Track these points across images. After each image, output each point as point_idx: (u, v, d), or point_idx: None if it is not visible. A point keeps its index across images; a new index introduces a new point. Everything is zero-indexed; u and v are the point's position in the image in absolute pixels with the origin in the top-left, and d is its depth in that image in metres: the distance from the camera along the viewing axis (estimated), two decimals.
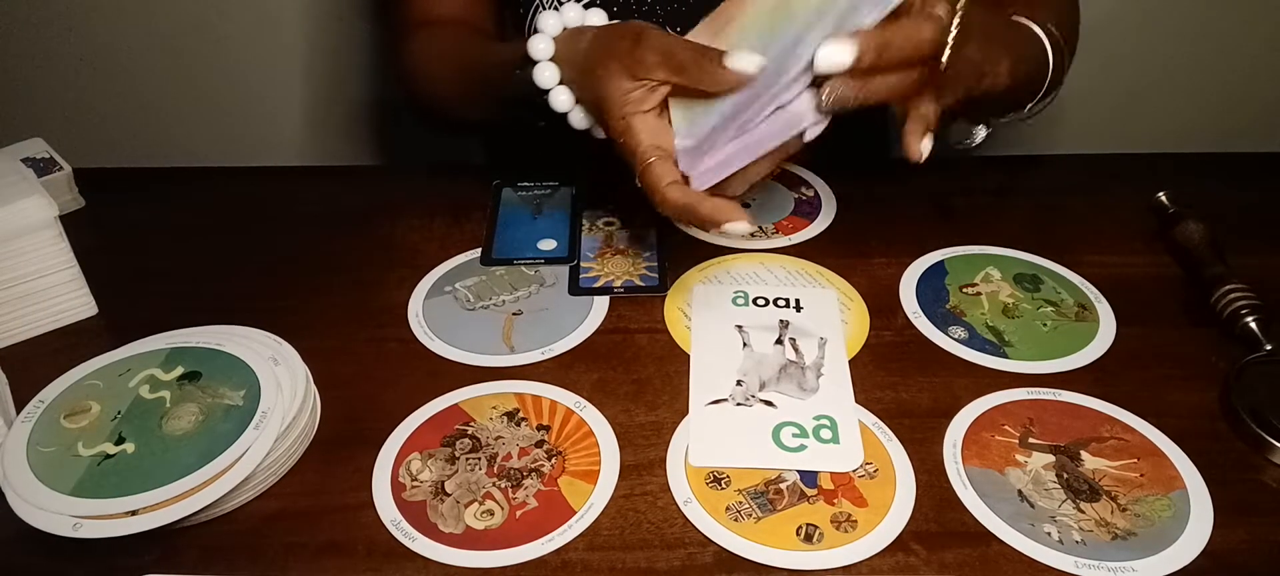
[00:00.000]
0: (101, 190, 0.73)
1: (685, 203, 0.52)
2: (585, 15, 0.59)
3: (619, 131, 0.54)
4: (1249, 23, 1.17)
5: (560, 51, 0.58)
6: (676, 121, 0.54)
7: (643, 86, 0.53)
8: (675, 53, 0.52)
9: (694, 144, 0.53)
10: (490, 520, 0.47)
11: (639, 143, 0.53)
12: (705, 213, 0.51)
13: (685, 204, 0.52)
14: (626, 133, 0.53)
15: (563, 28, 0.59)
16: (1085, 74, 1.05)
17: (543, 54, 0.58)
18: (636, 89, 0.53)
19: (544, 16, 0.59)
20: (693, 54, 0.51)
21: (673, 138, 0.54)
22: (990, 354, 0.58)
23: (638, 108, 0.53)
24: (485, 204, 0.72)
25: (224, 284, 0.65)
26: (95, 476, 0.47)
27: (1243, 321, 0.57)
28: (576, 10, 0.59)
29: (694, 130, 0.53)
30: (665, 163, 0.53)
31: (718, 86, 0.51)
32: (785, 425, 0.52)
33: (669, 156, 0.53)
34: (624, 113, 0.53)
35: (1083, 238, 0.68)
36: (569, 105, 0.59)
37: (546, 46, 0.58)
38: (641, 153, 0.53)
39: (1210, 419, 0.53)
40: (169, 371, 0.53)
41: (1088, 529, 0.47)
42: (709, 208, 0.51)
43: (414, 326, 0.60)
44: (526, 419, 0.53)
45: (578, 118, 0.59)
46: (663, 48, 0.52)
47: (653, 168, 0.52)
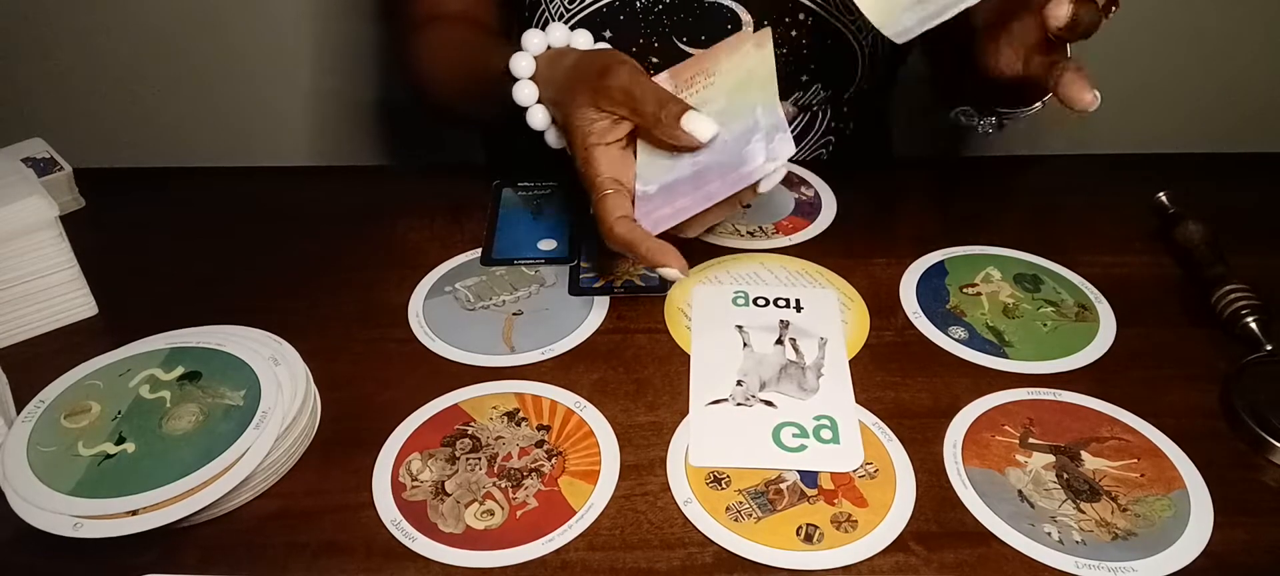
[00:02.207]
0: (101, 190, 0.73)
1: (629, 239, 0.53)
2: (571, 36, 0.60)
3: (581, 160, 0.55)
4: (1249, 23, 1.17)
5: (540, 71, 0.59)
6: (641, 166, 0.56)
7: (607, 118, 0.55)
8: (637, 95, 0.53)
9: (655, 191, 0.54)
10: (490, 520, 0.47)
11: (597, 173, 0.54)
12: (643, 252, 0.53)
13: (629, 240, 0.53)
14: (587, 162, 0.55)
15: (546, 47, 0.60)
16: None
17: (523, 72, 0.59)
18: (601, 120, 0.55)
19: (528, 35, 0.60)
20: (655, 102, 0.53)
21: (633, 172, 0.55)
22: (990, 354, 0.58)
23: (600, 139, 0.55)
24: (485, 204, 0.72)
25: (224, 284, 0.65)
26: (95, 476, 0.47)
27: (1243, 321, 0.57)
28: (562, 30, 0.60)
29: (656, 178, 0.55)
30: (619, 196, 0.54)
31: (672, 140, 0.53)
32: (785, 425, 0.52)
33: (624, 190, 0.55)
34: (588, 142, 0.55)
35: (1083, 238, 0.68)
36: (544, 124, 0.60)
37: (527, 65, 0.59)
38: (599, 183, 0.54)
39: (1210, 419, 0.53)
40: (169, 371, 0.53)
41: (1088, 529, 0.47)
42: (647, 248, 0.53)
43: (414, 326, 0.60)
44: (527, 419, 0.53)
45: (552, 137, 0.61)
46: (627, 86, 0.53)
47: (607, 200, 0.54)
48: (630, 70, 0.54)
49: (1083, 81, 0.52)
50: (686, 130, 0.52)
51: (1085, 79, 0.52)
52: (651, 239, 0.53)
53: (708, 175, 0.53)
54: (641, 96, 0.53)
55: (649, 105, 0.53)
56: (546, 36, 0.60)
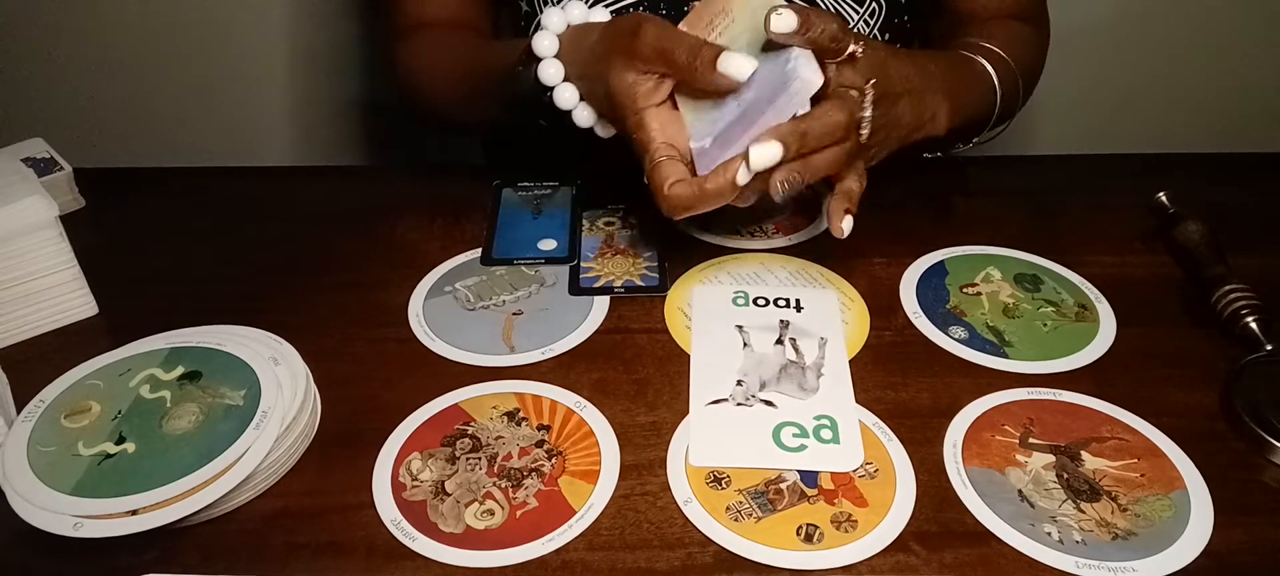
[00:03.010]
0: (101, 190, 0.73)
1: (688, 197, 0.53)
2: (589, 12, 0.59)
3: (633, 127, 0.54)
4: (1248, 23, 1.17)
5: (564, 49, 0.58)
6: (688, 121, 0.55)
7: (648, 78, 0.54)
8: (668, 47, 0.52)
9: (710, 145, 0.53)
10: (490, 520, 0.47)
11: (651, 138, 0.54)
12: (710, 192, 0.52)
13: (688, 199, 0.53)
14: (640, 128, 0.54)
15: (567, 25, 0.59)
16: (1086, 74, 1.05)
17: (547, 51, 0.58)
18: (643, 82, 0.54)
19: (548, 13, 0.59)
20: (687, 51, 0.52)
21: (685, 134, 0.55)
22: (990, 354, 0.58)
23: (648, 101, 0.54)
24: (485, 204, 0.72)
25: (224, 284, 0.65)
26: (95, 476, 0.47)
27: (1243, 321, 0.57)
28: (580, 7, 0.59)
29: (706, 130, 0.54)
30: (673, 162, 0.53)
31: (710, 87, 0.53)
32: (785, 425, 0.52)
33: (677, 155, 0.54)
34: (637, 106, 0.54)
35: (1083, 238, 0.68)
36: (573, 103, 0.59)
37: (551, 44, 0.58)
38: (653, 149, 0.54)
39: (1210, 419, 0.53)
40: (169, 371, 0.53)
41: (1088, 529, 0.47)
42: (713, 185, 0.52)
43: (414, 326, 0.60)
44: (527, 419, 0.53)
45: (583, 115, 0.59)
46: (657, 42, 0.52)
47: (660, 167, 0.53)
48: (657, 25, 0.53)
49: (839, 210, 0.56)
50: (723, 71, 0.51)
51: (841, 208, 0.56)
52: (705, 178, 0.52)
53: (755, 110, 0.52)
54: (673, 48, 0.52)
55: (682, 55, 0.52)
56: (566, 14, 0.59)
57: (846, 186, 0.56)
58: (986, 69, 0.65)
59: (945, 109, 0.61)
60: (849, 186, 0.56)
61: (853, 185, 0.56)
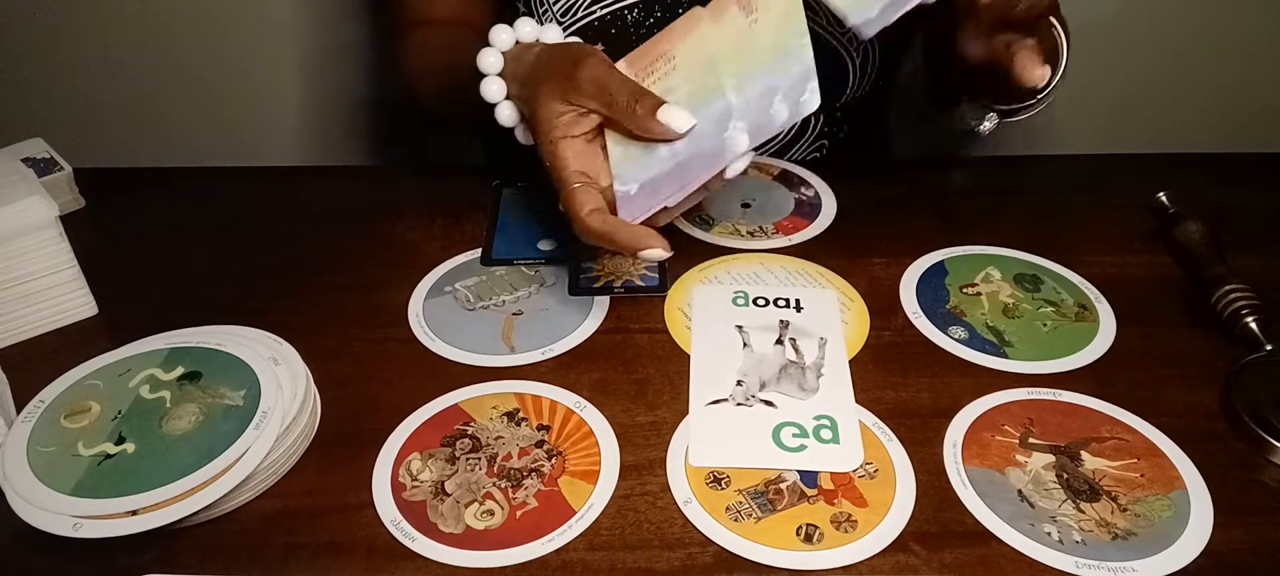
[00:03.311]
0: (101, 190, 0.73)
1: (604, 230, 0.52)
2: (541, 31, 0.59)
3: (547, 154, 0.54)
4: (1249, 23, 1.17)
5: (507, 66, 0.58)
6: (615, 162, 0.54)
7: (574, 111, 0.53)
8: (610, 88, 0.52)
9: (634, 192, 0.53)
10: (490, 520, 0.47)
11: (565, 166, 0.53)
12: (623, 240, 0.52)
13: (603, 231, 0.52)
14: (553, 155, 0.54)
15: (515, 42, 0.59)
16: (1085, 74, 1.05)
17: (491, 68, 0.58)
18: (568, 113, 0.53)
19: (496, 30, 0.59)
20: (628, 95, 0.52)
21: (601, 164, 0.55)
22: (990, 354, 0.58)
23: (567, 132, 0.54)
24: (485, 204, 0.72)
25: (224, 284, 0.65)
26: (95, 476, 0.47)
27: (1243, 321, 0.57)
28: (530, 25, 0.59)
29: (634, 175, 0.54)
30: (588, 189, 0.53)
31: (647, 134, 0.52)
32: (785, 425, 0.52)
33: (592, 183, 0.54)
34: (553, 136, 0.54)
35: (1083, 238, 0.68)
36: (513, 121, 0.59)
37: (495, 61, 0.58)
38: (566, 177, 0.53)
39: (1210, 419, 0.53)
40: (169, 371, 0.53)
41: (1088, 529, 0.47)
42: (625, 235, 0.52)
43: (414, 326, 0.60)
44: (527, 419, 0.53)
45: (521, 133, 0.60)
46: (599, 78, 0.52)
47: (576, 194, 0.53)
48: (601, 62, 0.53)
49: (1032, 57, 0.53)
50: (663, 122, 0.51)
51: (1035, 56, 0.53)
52: (627, 226, 0.52)
53: (689, 167, 0.52)
54: (614, 88, 0.52)
55: (622, 98, 0.52)
56: (515, 32, 0.59)
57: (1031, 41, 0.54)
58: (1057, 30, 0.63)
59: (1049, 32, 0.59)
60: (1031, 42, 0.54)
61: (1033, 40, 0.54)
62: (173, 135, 1.25)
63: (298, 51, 1.21)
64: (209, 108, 1.24)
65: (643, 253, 0.52)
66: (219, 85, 1.22)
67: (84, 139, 1.21)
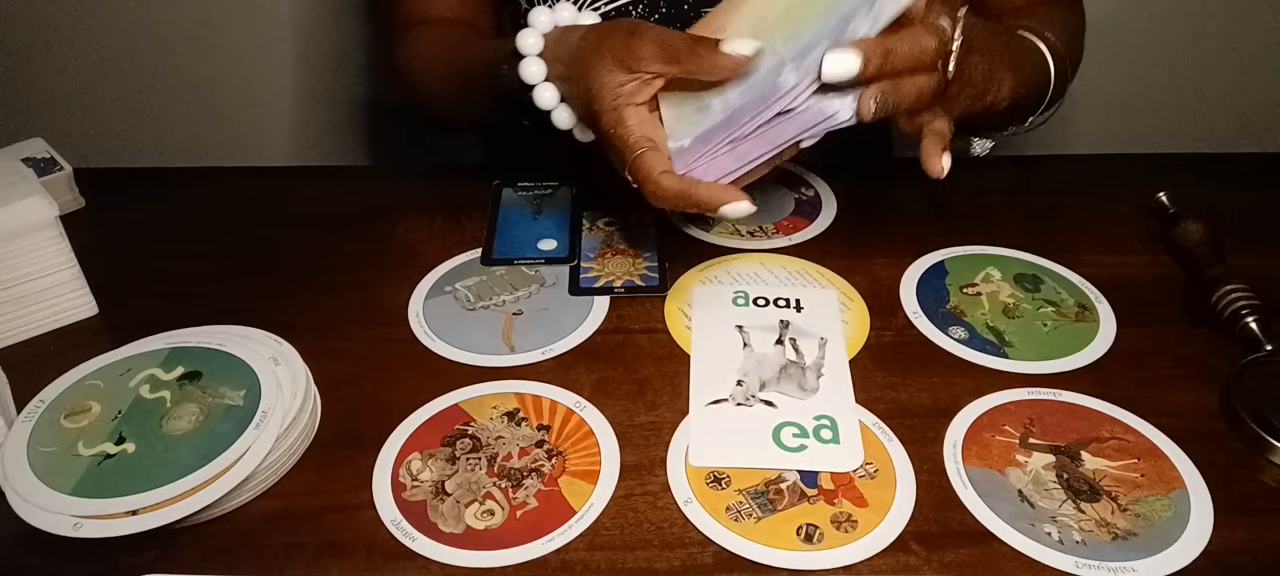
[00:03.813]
0: (101, 190, 0.73)
1: (679, 189, 0.51)
2: (578, 15, 0.59)
3: (610, 122, 0.53)
4: (1249, 23, 1.17)
5: (548, 49, 0.58)
6: (668, 122, 0.54)
7: (635, 79, 0.53)
8: (670, 42, 0.52)
9: (688, 145, 0.53)
10: (490, 520, 0.47)
11: (630, 132, 0.53)
12: (701, 197, 0.51)
13: (679, 190, 0.51)
14: (618, 124, 0.53)
15: (554, 25, 0.59)
16: (1086, 74, 1.05)
17: (531, 49, 0.58)
18: (629, 82, 0.53)
19: (536, 12, 0.59)
20: (688, 43, 0.51)
21: (662, 134, 0.54)
22: (990, 354, 0.58)
23: (629, 99, 0.53)
24: (485, 204, 0.72)
25: (224, 284, 0.65)
26: (95, 476, 0.47)
27: (1243, 321, 0.57)
28: (570, 9, 0.59)
29: (686, 131, 0.53)
30: (656, 153, 0.52)
31: (714, 73, 0.51)
32: (785, 425, 0.52)
33: (660, 148, 0.53)
34: (616, 104, 0.53)
35: (1083, 238, 0.68)
36: (554, 103, 0.59)
37: (536, 42, 0.58)
38: (633, 142, 0.52)
39: (1210, 419, 0.53)
40: (169, 371, 0.53)
41: (1088, 529, 0.47)
42: (704, 192, 0.51)
43: (414, 326, 0.60)
44: (527, 419, 0.53)
45: (562, 116, 0.59)
46: (658, 39, 0.52)
47: (644, 158, 0.52)
48: (655, 26, 0.53)
49: (934, 149, 0.53)
50: (728, 52, 0.50)
51: (937, 147, 0.53)
52: (705, 184, 0.51)
53: (741, 114, 0.51)
54: (675, 42, 0.51)
55: (683, 48, 0.51)
56: (554, 15, 0.59)
57: (938, 127, 0.54)
58: (1043, 51, 0.64)
59: (1009, 81, 0.59)
60: (940, 127, 0.54)
61: (943, 126, 0.54)
62: (173, 135, 1.25)
63: (297, 51, 1.21)
64: (209, 108, 1.24)
65: (724, 208, 0.51)
66: (218, 85, 1.22)
67: (84, 139, 1.21)
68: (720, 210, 0.51)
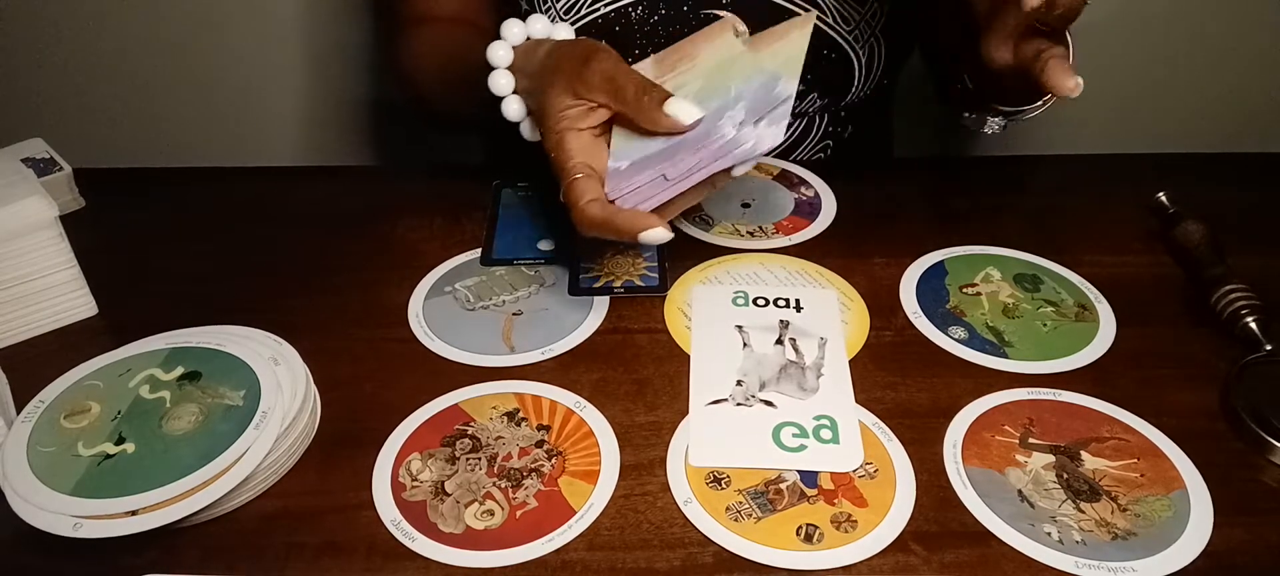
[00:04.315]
0: (101, 190, 0.73)
1: (603, 216, 0.52)
2: (552, 28, 0.59)
3: (551, 144, 0.54)
4: (1249, 23, 1.17)
5: (517, 61, 0.58)
6: (616, 142, 0.55)
7: (582, 105, 0.53)
8: (618, 80, 0.52)
9: (625, 166, 0.53)
10: (490, 520, 0.47)
11: (569, 157, 0.53)
12: (621, 224, 0.52)
13: (603, 218, 0.52)
14: (558, 147, 0.54)
15: (526, 38, 0.59)
16: (1085, 74, 1.05)
17: (501, 61, 0.58)
18: (575, 106, 0.53)
19: (508, 24, 0.59)
20: (636, 87, 0.52)
21: (605, 161, 0.54)
22: (990, 354, 0.58)
23: (573, 124, 0.54)
24: (485, 204, 0.72)
25: (224, 284, 0.65)
26: (95, 476, 0.47)
27: (1243, 321, 0.57)
28: (543, 22, 0.59)
29: (627, 154, 0.54)
30: (589, 180, 0.53)
31: (652, 126, 0.52)
32: (785, 425, 0.52)
33: (595, 175, 0.54)
34: (559, 127, 0.54)
35: (1083, 238, 0.68)
36: (520, 115, 0.59)
37: (505, 54, 0.58)
38: (569, 167, 0.53)
39: (1210, 419, 0.53)
40: (169, 371, 0.53)
41: (1088, 529, 0.47)
42: (623, 221, 0.52)
43: (414, 326, 0.60)
44: (526, 419, 0.53)
45: (526, 129, 0.60)
46: (608, 72, 0.52)
47: (577, 184, 0.53)
48: (610, 57, 0.53)
49: (1065, 67, 0.53)
50: (670, 114, 0.51)
51: (1068, 65, 0.53)
52: (625, 211, 0.52)
53: (680, 148, 0.52)
54: (624, 82, 0.52)
55: (630, 90, 0.52)
56: (527, 27, 0.59)
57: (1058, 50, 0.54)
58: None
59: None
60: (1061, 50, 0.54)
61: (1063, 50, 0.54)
62: (173, 135, 1.25)
63: (298, 51, 1.21)
64: (209, 108, 1.24)
65: (642, 235, 0.52)
66: (219, 85, 1.22)
67: (84, 139, 1.21)
68: (639, 237, 0.52)
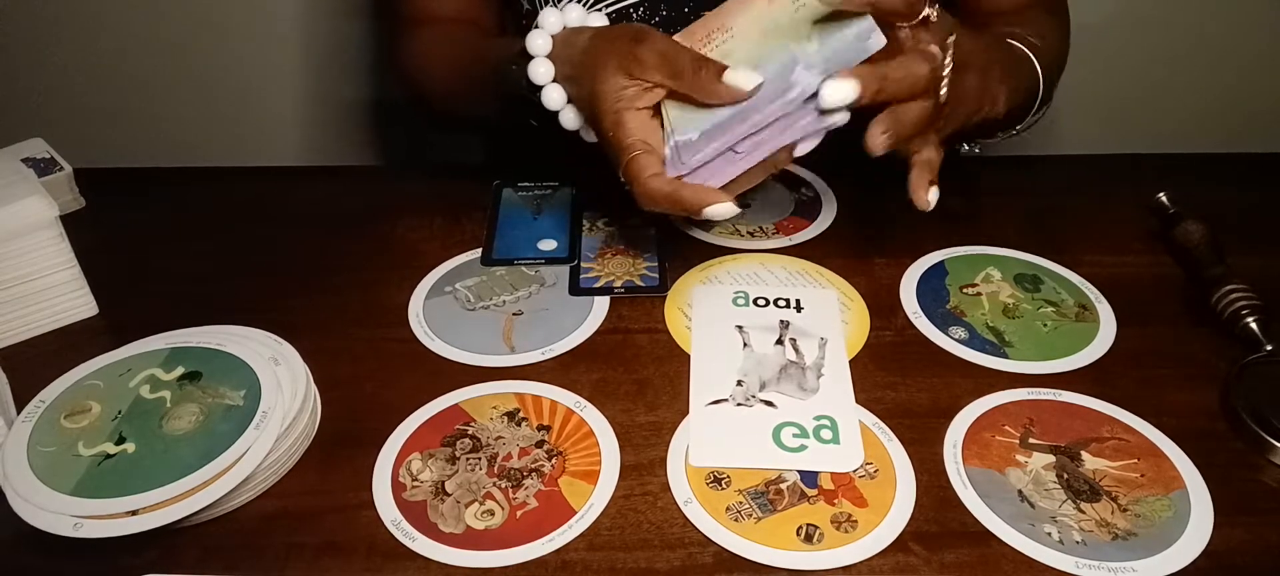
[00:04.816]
0: (101, 190, 0.73)
1: (667, 191, 0.52)
2: (587, 16, 0.59)
3: (609, 125, 0.54)
4: (1249, 23, 1.17)
5: (556, 50, 0.58)
6: (675, 119, 0.54)
7: (637, 85, 0.53)
8: (675, 57, 0.52)
9: (696, 138, 0.53)
10: (490, 520, 0.47)
11: (627, 134, 0.53)
12: (687, 198, 0.52)
13: (667, 192, 0.52)
14: (617, 126, 0.54)
15: (563, 27, 0.59)
16: (1085, 74, 1.05)
17: (540, 50, 0.58)
18: (631, 86, 0.53)
19: (545, 13, 0.59)
20: (692, 61, 0.52)
21: (661, 138, 0.54)
22: (990, 354, 0.58)
23: (630, 104, 0.54)
24: (485, 204, 0.72)
25: (224, 284, 0.65)
26: (95, 476, 0.47)
27: (1243, 321, 0.57)
28: (578, 10, 0.59)
29: (695, 125, 0.53)
30: (650, 155, 0.53)
31: (712, 98, 0.52)
32: (785, 425, 0.52)
33: (654, 151, 0.54)
34: (617, 107, 0.53)
35: (1083, 238, 0.68)
36: (561, 104, 0.59)
37: (544, 43, 0.58)
38: (629, 144, 0.53)
39: (1210, 419, 0.53)
40: (169, 371, 0.53)
41: (1088, 529, 0.47)
42: (691, 193, 0.52)
43: (414, 326, 0.60)
44: (527, 419, 0.53)
45: (568, 117, 0.59)
46: (663, 50, 0.52)
47: (638, 160, 0.53)
48: (661, 36, 0.53)
49: (921, 180, 0.54)
50: (729, 83, 0.51)
51: (925, 178, 0.54)
52: (690, 186, 0.52)
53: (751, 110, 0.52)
54: (679, 58, 0.52)
55: (686, 66, 0.52)
56: (563, 16, 0.59)
57: (926, 156, 0.54)
58: (1030, 57, 0.64)
59: (1004, 91, 0.59)
60: (928, 156, 0.54)
61: (932, 154, 0.54)
62: (173, 135, 1.25)
63: (298, 51, 1.21)
64: (209, 108, 1.24)
65: (707, 210, 0.52)
66: (219, 85, 1.22)
67: (84, 139, 1.21)
68: (704, 211, 0.52)
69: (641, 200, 0.53)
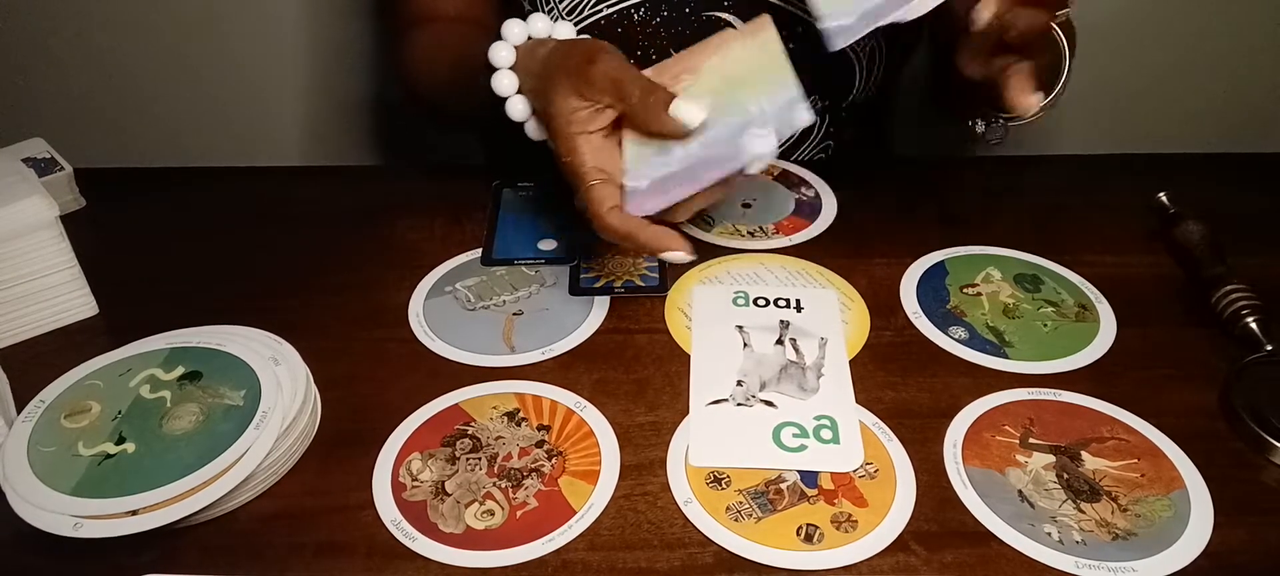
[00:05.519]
0: (101, 190, 0.73)
1: (625, 230, 0.52)
2: (553, 27, 0.59)
3: (564, 150, 0.54)
4: (1249, 23, 1.17)
5: (520, 61, 0.58)
6: (629, 159, 0.54)
7: (589, 106, 0.53)
8: (624, 82, 0.52)
9: (645, 188, 0.53)
10: (490, 520, 0.47)
11: (582, 162, 0.53)
12: (645, 240, 0.52)
13: (625, 231, 0.52)
14: (571, 152, 0.53)
15: (527, 37, 0.59)
16: (1085, 74, 1.05)
17: (503, 62, 0.58)
18: (583, 108, 0.53)
19: (509, 24, 0.59)
20: (641, 88, 0.52)
21: (619, 161, 0.54)
22: (990, 354, 0.58)
23: (583, 127, 0.53)
24: (485, 204, 0.72)
25: (224, 284, 0.65)
26: (95, 476, 0.47)
27: (1243, 321, 0.57)
28: (543, 21, 0.59)
29: (645, 172, 0.53)
30: (607, 186, 0.53)
31: (659, 127, 0.52)
32: (785, 425, 0.52)
33: (611, 180, 0.53)
34: (570, 131, 0.53)
35: (1083, 238, 0.68)
36: (524, 115, 0.59)
37: (508, 55, 0.58)
38: (584, 173, 0.53)
39: (1210, 419, 0.53)
40: (169, 371, 0.53)
41: (1088, 529, 0.47)
42: (649, 236, 0.52)
43: (414, 326, 0.60)
44: (527, 419, 0.53)
45: (532, 129, 0.59)
46: (613, 73, 0.52)
47: (594, 190, 0.52)
48: (616, 57, 0.53)
49: (1025, 84, 0.53)
50: (674, 116, 0.51)
51: (1029, 82, 0.53)
52: (649, 226, 0.52)
53: (701, 167, 0.52)
54: (628, 82, 0.52)
55: (635, 91, 0.51)
56: (527, 26, 0.59)
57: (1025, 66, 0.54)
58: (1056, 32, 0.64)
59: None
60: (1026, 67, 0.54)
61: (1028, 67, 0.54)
62: (173, 135, 1.25)
63: (298, 51, 1.21)
64: (209, 108, 1.24)
65: (664, 254, 0.52)
66: (219, 85, 1.22)
67: (84, 139, 1.21)
68: (662, 256, 0.52)
69: (599, 232, 0.53)
